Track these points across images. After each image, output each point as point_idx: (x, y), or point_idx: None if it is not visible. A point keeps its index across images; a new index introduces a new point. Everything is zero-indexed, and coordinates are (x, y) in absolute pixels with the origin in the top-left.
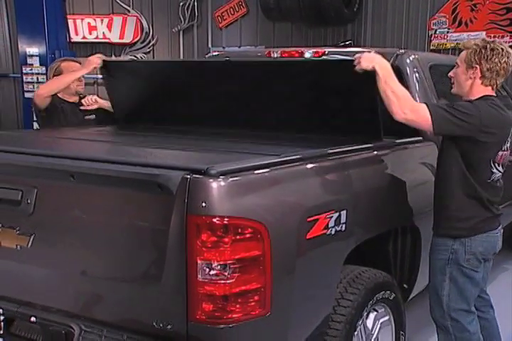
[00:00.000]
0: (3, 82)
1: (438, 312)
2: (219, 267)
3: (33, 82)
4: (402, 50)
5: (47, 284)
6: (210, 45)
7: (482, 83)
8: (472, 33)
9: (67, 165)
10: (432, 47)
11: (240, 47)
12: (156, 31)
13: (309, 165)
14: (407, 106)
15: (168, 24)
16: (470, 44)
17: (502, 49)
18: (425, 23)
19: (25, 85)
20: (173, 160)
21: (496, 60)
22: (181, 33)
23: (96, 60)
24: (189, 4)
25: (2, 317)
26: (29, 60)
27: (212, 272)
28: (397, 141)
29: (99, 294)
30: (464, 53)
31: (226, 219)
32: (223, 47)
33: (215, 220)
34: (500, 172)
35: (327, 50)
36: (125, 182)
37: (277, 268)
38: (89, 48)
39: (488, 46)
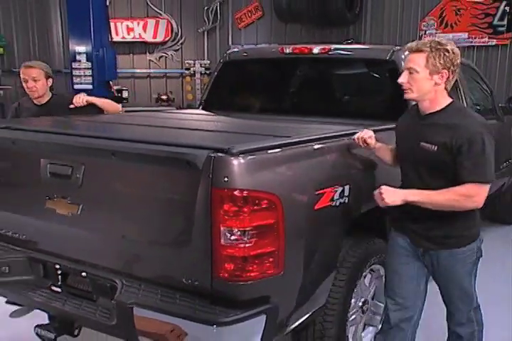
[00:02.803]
0: (57, 76)
1: (466, 309)
2: (239, 233)
3: (80, 76)
4: (398, 47)
5: (94, 245)
6: (230, 43)
7: (445, 87)
8: (457, 34)
9: (109, 145)
10: None
11: (256, 45)
12: (184, 31)
13: (317, 146)
14: (467, 198)
15: (194, 25)
16: (424, 47)
17: (458, 49)
18: (416, 25)
19: (74, 78)
20: (201, 141)
21: (458, 61)
22: (206, 33)
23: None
24: (213, 8)
25: (60, 272)
26: (77, 57)
27: (233, 237)
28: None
29: (137, 255)
30: (419, 58)
31: (245, 192)
32: (242, 45)
33: (235, 193)
34: None
35: (332, 46)
36: (159, 160)
37: (289, 234)
38: (127, 46)
39: (449, 48)
